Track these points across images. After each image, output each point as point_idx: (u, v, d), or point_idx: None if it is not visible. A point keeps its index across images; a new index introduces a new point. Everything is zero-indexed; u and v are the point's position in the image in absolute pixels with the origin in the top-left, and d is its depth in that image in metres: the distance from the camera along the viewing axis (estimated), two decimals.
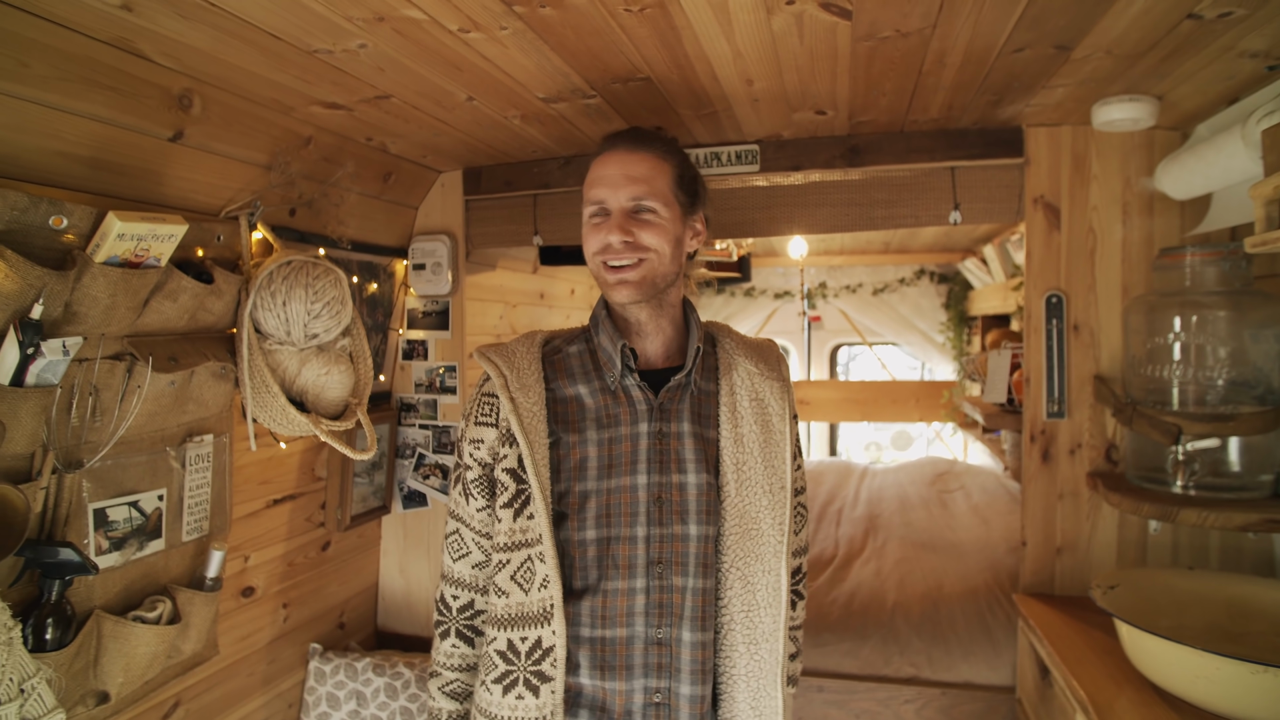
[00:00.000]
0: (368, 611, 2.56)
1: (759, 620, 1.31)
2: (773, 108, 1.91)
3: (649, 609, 1.28)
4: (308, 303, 1.72)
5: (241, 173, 1.79)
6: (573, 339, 1.42)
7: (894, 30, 1.45)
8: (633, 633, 1.28)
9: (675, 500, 1.30)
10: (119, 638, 1.58)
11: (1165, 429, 1.79)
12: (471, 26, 1.40)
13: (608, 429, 1.32)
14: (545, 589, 1.26)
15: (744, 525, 1.33)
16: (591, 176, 1.37)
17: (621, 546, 1.28)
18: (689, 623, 1.28)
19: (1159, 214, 2.02)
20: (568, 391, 1.35)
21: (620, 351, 1.33)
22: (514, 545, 1.29)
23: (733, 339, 1.48)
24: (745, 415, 1.38)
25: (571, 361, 1.38)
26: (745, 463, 1.35)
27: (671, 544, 1.29)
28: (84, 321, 1.45)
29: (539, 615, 1.26)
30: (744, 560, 1.32)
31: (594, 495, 1.29)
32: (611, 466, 1.30)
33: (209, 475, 1.81)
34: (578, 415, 1.33)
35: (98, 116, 1.45)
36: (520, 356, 1.37)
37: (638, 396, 1.33)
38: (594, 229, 1.35)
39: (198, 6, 1.27)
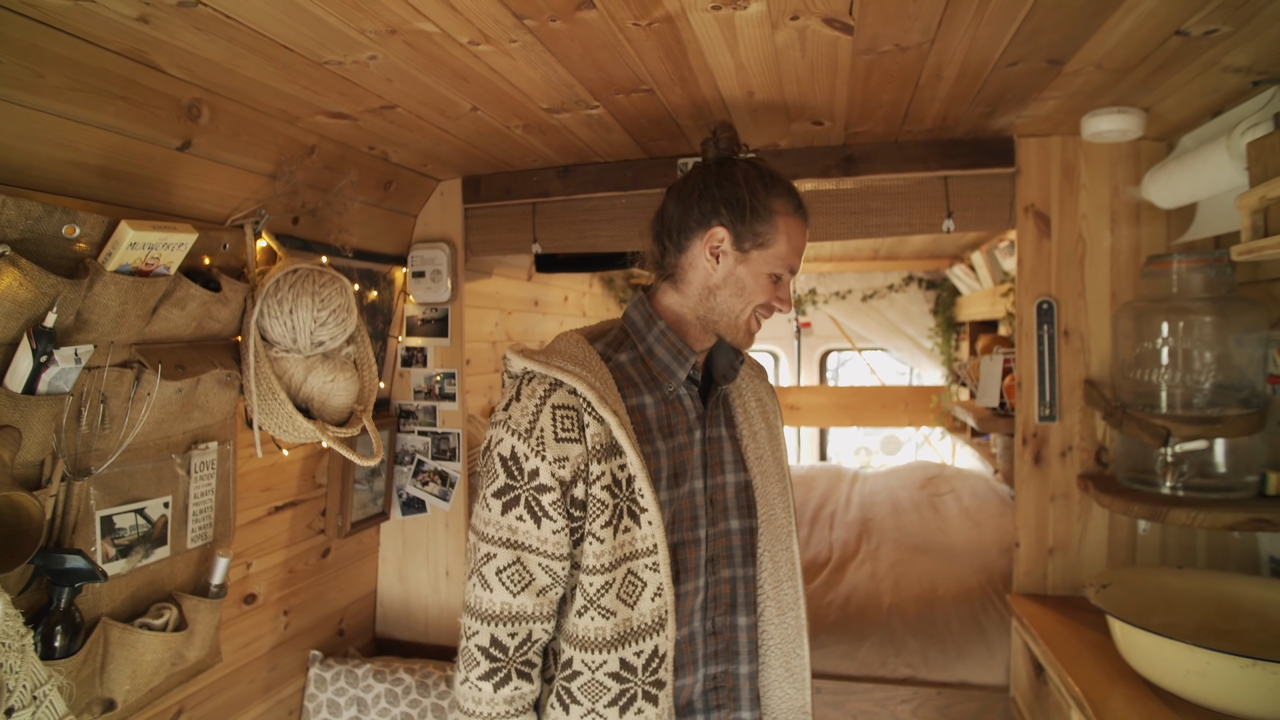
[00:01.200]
0: (366, 618, 2.57)
1: (784, 593, 1.43)
2: (771, 118, 1.95)
3: (705, 604, 1.35)
4: (314, 310, 1.74)
5: (247, 181, 1.81)
6: (617, 346, 1.37)
7: (894, 44, 1.49)
8: (693, 629, 1.34)
9: (720, 500, 1.39)
10: (126, 645, 1.58)
11: (1154, 431, 1.84)
12: (482, 39, 1.42)
13: (671, 438, 1.33)
14: (660, 597, 1.23)
15: (767, 513, 1.44)
16: (794, 242, 1.35)
17: (689, 550, 1.33)
18: (742, 609, 1.39)
19: (1146, 222, 2.07)
20: (632, 402, 1.31)
21: (689, 366, 1.35)
22: (616, 563, 1.22)
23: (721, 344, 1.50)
24: (754, 414, 1.49)
25: (628, 370, 1.34)
26: (761, 456, 1.46)
27: (720, 540, 1.38)
28: (95, 329, 1.46)
29: (653, 625, 1.24)
30: (771, 544, 1.43)
31: (667, 505, 1.29)
32: (678, 475, 1.33)
33: (213, 482, 1.82)
34: (644, 426, 1.31)
35: (109, 126, 1.46)
36: (594, 365, 1.28)
37: (690, 405, 1.37)
38: (770, 285, 1.36)
39: (214, 19, 1.29)
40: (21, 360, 1.34)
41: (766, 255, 1.33)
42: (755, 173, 1.34)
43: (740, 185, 1.33)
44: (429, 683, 2.25)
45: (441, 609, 2.54)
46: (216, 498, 1.83)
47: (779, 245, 1.33)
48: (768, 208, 1.32)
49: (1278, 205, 1.35)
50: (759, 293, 1.35)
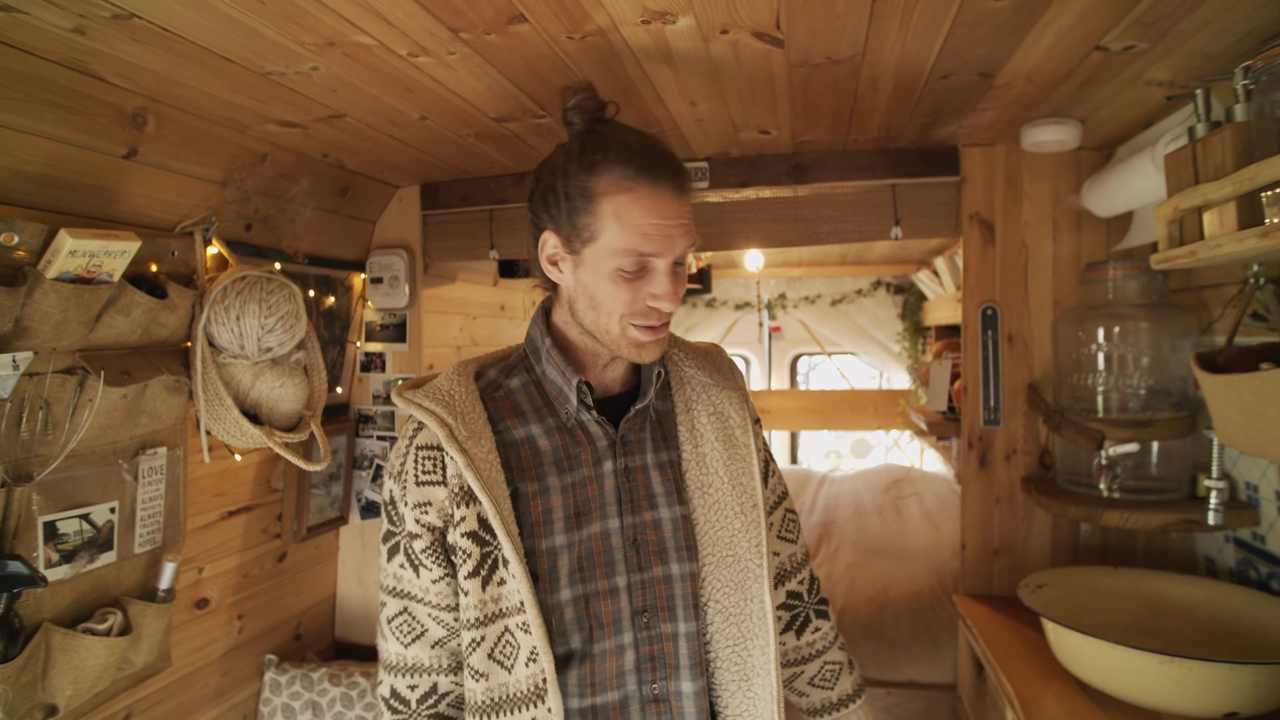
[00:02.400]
0: (325, 622, 2.58)
1: (748, 654, 1.17)
2: (718, 128, 1.98)
3: (640, 664, 1.13)
4: (261, 317, 1.76)
5: (197, 189, 1.82)
6: (511, 370, 1.22)
7: (825, 57, 1.52)
8: (625, 694, 1.13)
9: (652, 540, 1.16)
10: (68, 650, 1.59)
11: (1090, 435, 1.89)
12: (420, 51, 1.45)
13: (569, 472, 1.14)
14: (534, 663, 1.07)
15: (718, 553, 1.18)
16: (638, 222, 1.06)
17: (603, 602, 1.12)
18: (687, 671, 1.14)
19: (1087, 230, 2.12)
20: (518, 433, 1.16)
21: (576, 388, 1.15)
22: (487, 619, 1.09)
23: (680, 348, 1.32)
24: (705, 432, 1.23)
25: (517, 398, 1.19)
26: (711, 484, 1.21)
27: (654, 588, 1.14)
28: (35, 336, 1.47)
29: (530, 694, 1.07)
30: (723, 591, 1.17)
31: (564, 550, 1.11)
32: (580, 514, 1.13)
33: (162, 488, 1.83)
34: (533, 461, 1.14)
35: (50, 135, 1.47)
36: (460, 398, 1.14)
37: (597, 433, 1.17)
38: (626, 283, 1.08)
39: (150, 31, 1.30)
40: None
41: (599, 250, 1.07)
42: (578, 147, 1.11)
43: (556, 171, 1.11)
44: None
45: None
46: (166, 503, 1.84)
47: (609, 233, 1.06)
48: (586, 191, 1.07)
49: (1192, 216, 1.39)
50: (614, 299, 1.09)
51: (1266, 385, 1.24)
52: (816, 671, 1.40)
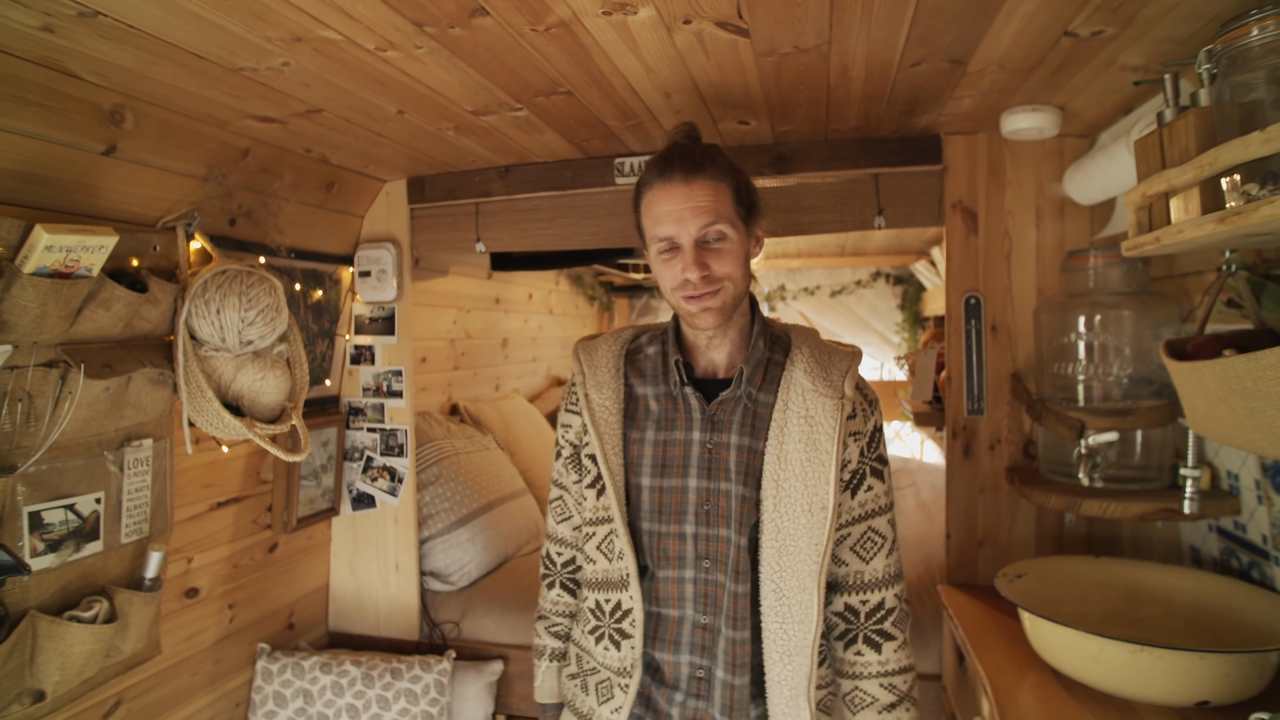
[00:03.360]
0: (319, 612, 2.61)
1: (792, 634, 1.34)
2: (696, 118, 1.98)
3: (697, 597, 1.38)
4: (241, 310, 1.78)
5: (178, 184, 1.84)
6: (655, 338, 1.48)
7: (792, 46, 1.52)
8: (683, 614, 1.38)
9: (722, 506, 1.36)
10: (54, 637, 1.62)
11: (1070, 424, 1.88)
12: (387, 45, 1.46)
13: (664, 431, 1.40)
14: (622, 560, 1.40)
15: (780, 540, 1.33)
16: (655, 211, 1.32)
17: (671, 541, 1.38)
18: (725, 618, 1.35)
19: (1070, 218, 2.11)
20: (640, 391, 1.44)
21: (677, 366, 1.40)
22: (597, 520, 1.44)
23: (808, 348, 1.42)
24: (792, 431, 1.34)
25: (647, 363, 1.46)
26: (785, 479, 1.34)
27: (716, 544, 1.36)
28: (15, 330, 1.50)
29: (619, 581, 1.41)
30: (778, 573, 1.34)
31: (647, 490, 1.39)
32: (665, 467, 1.39)
33: (149, 479, 1.86)
34: (643, 415, 1.42)
35: (27, 132, 1.50)
36: (601, 354, 1.48)
37: (694, 406, 1.39)
38: (666, 263, 1.33)
39: (118, 29, 1.32)
40: None
41: (648, 242, 1.37)
42: (643, 174, 1.38)
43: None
44: (374, 674, 2.29)
45: (392, 603, 2.59)
46: (152, 494, 1.87)
47: (647, 226, 1.36)
48: (637, 200, 1.38)
49: (1160, 202, 1.38)
50: (663, 278, 1.36)
51: (1228, 372, 1.24)
52: (849, 691, 1.45)
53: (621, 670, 1.42)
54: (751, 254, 1.39)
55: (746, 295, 1.40)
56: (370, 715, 2.26)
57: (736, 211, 1.33)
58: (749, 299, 1.43)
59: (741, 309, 1.40)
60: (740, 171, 1.37)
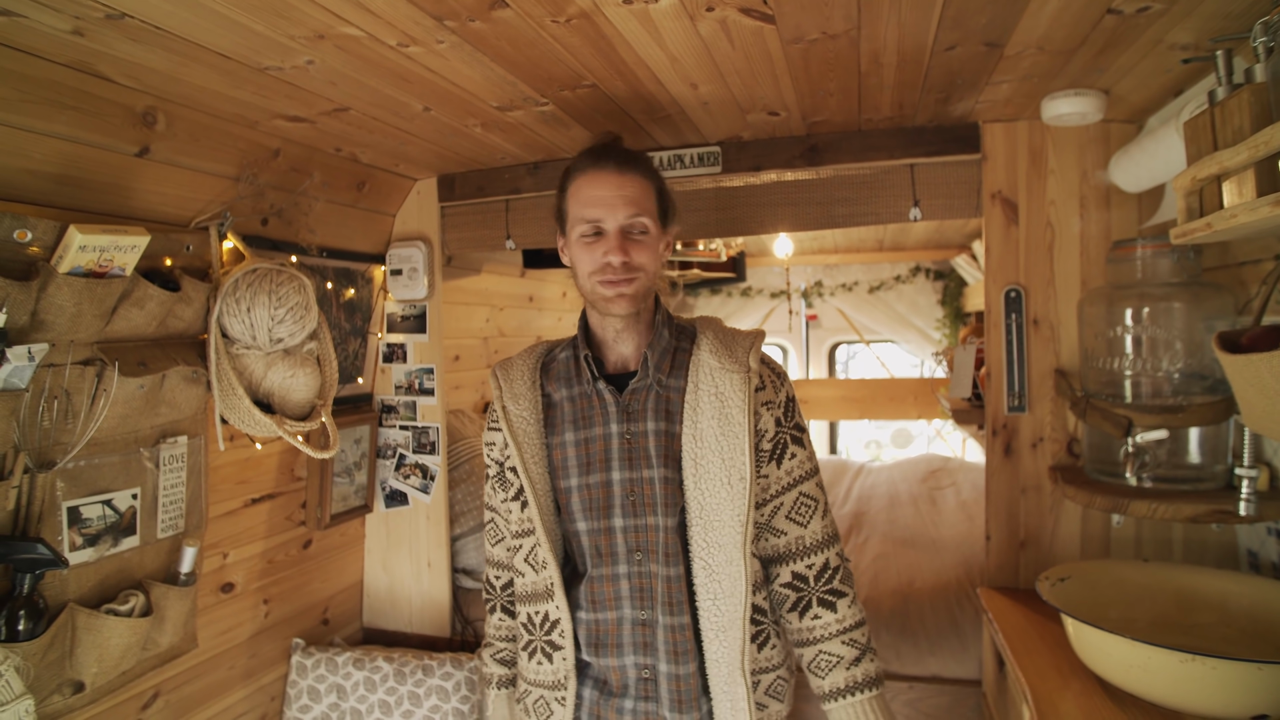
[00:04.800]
0: (353, 608, 2.64)
1: (724, 608, 1.38)
2: (724, 110, 1.95)
3: (632, 593, 1.41)
4: (271, 308, 1.79)
5: (210, 185, 1.87)
6: (564, 346, 1.56)
7: (820, 32, 1.48)
8: (621, 615, 1.42)
9: (646, 494, 1.41)
10: (92, 629, 1.65)
11: (1116, 421, 1.80)
12: (409, 41, 1.45)
13: (583, 429, 1.45)
14: (545, 569, 1.44)
15: (705, 516, 1.39)
16: (584, 195, 1.41)
17: (603, 537, 1.42)
18: (663, 607, 1.40)
19: (1116, 207, 2.02)
20: (556, 396, 1.49)
21: (587, 360, 1.45)
22: (523, 533, 1.48)
23: (711, 333, 1.49)
24: (704, 410, 1.41)
25: (560, 368, 1.51)
26: (702, 455, 1.40)
27: (646, 534, 1.41)
28: (52, 329, 1.53)
29: (545, 592, 1.45)
30: (706, 550, 1.39)
31: (576, 490, 1.43)
32: (589, 464, 1.43)
33: (184, 475, 1.89)
34: (560, 418, 1.47)
35: (63, 135, 1.53)
36: (517, 367, 1.53)
37: (609, 399, 1.44)
38: (587, 247, 1.41)
39: (146, 30, 1.34)
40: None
41: (570, 225, 1.43)
42: (572, 162, 1.46)
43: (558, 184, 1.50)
44: (406, 671, 2.30)
45: (425, 600, 2.60)
46: (187, 490, 1.90)
47: (572, 209, 1.42)
48: (563, 186, 1.46)
49: (1211, 186, 1.31)
50: (582, 261, 1.42)
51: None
52: (813, 658, 1.47)
53: (555, 684, 1.45)
54: (663, 255, 1.49)
55: (653, 291, 1.49)
56: (402, 712, 2.27)
57: (657, 210, 1.44)
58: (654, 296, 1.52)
59: (649, 304, 1.48)
60: (662, 178, 1.49)
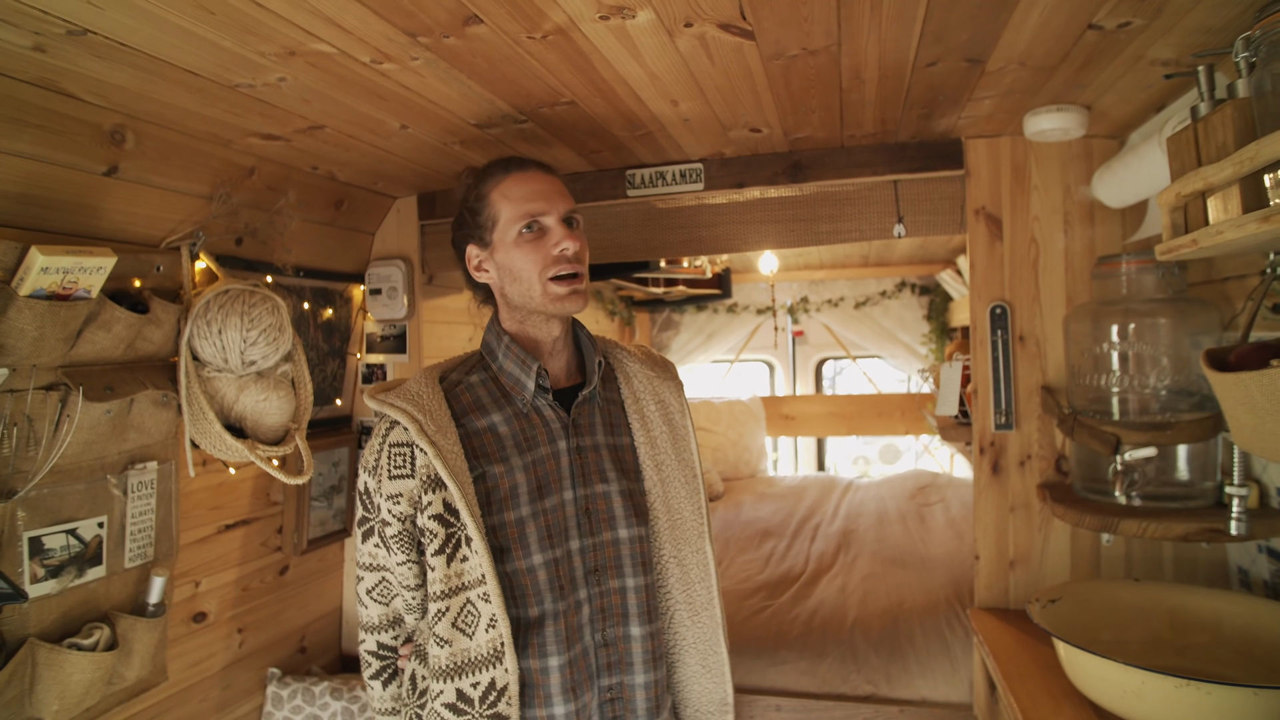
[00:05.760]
0: (331, 635, 2.57)
1: (696, 594, 1.44)
2: (705, 127, 1.93)
3: (593, 616, 1.34)
4: (243, 330, 1.75)
5: (182, 204, 1.83)
6: (471, 368, 1.40)
7: (801, 49, 1.46)
8: (584, 645, 1.32)
9: (602, 509, 1.36)
10: (53, 665, 1.59)
11: (1104, 439, 1.78)
12: (383, 58, 1.42)
13: (529, 452, 1.32)
14: (494, 628, 1.22)
15: (672, 519, 1.43)
16: (518, 191, 1.35)
17: (562, 566, 1.31)
18: (636, 618, 1.35)
19: (1101, 222, 2.01)
20: (480, 423, 1.32)
21: (535, 373, 1.34)
22: (451, 591, 1.24)
23: (622, 350, 1.54)
24: (653, 418, 1.46)
25: (478, 392, 1.36)
26: (662, 462, 1.44)
27: (604, 550, 1.35)
28: (12, 353, 1.48)
29: (489, 657, 1.23)
30: (674, 546, 1.43)
31: (530, 520, 1.29)
32: (541, 488, 1.32)
33: (153, 502, 1.83)
34: (496, 445, 1.31)
35: (26, 154, 1.48)
36: (428, 397, 1.30)
37: (551, 416, 1.36)
38: (531, 243, 1.33)
39: (110, 47, 1.30)
40: None
41: (502, 229, 1.36)
42: (469, 177, 1.43)
43: (459, 203, 1.44)
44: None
45: None
46: (157, 517, 1.85)
47: (504, 210, 1.35)
48: (479, 195, 1.39)
49: (1196, 202, 1.29)
50: (527, 262, 1.33)
51: (1276, 383, 1.14)
52: None
53: None
54: None
55: None
56: None
57: None
58: None
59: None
60: None
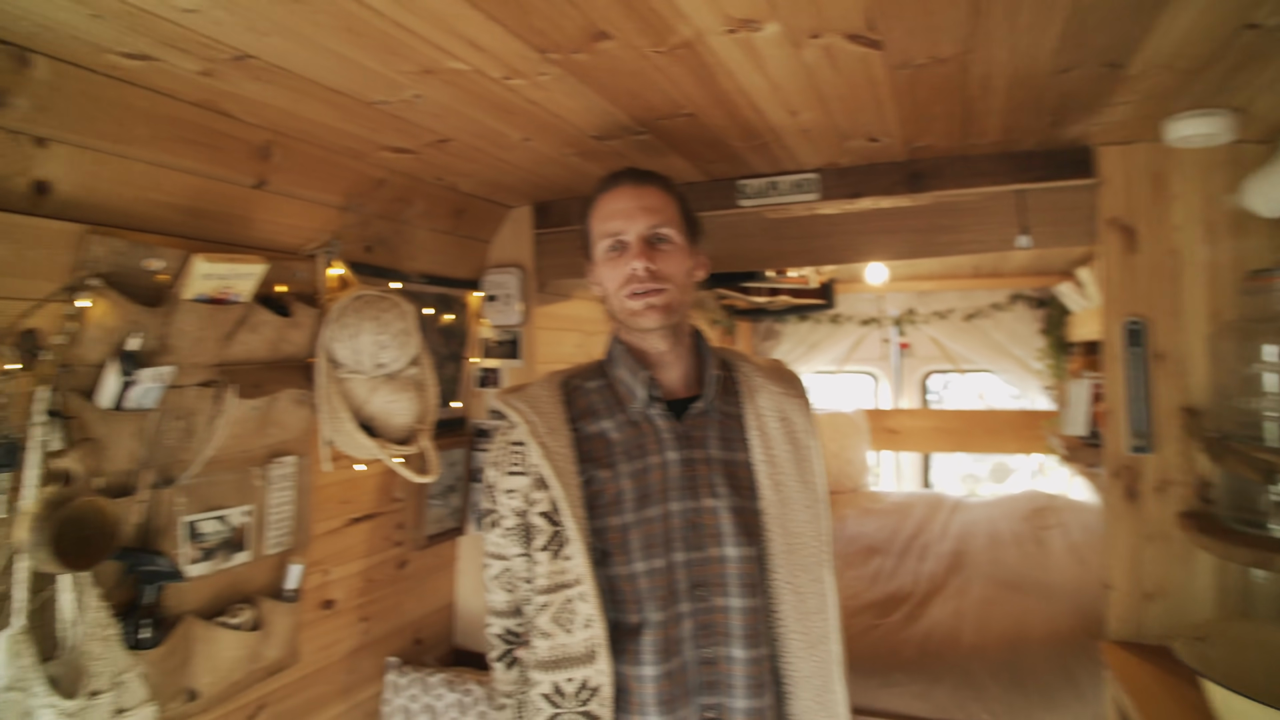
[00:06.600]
0: (444, 629, 2.67)
1: (812, 625, 1.37)
2: (823, 136, 1.91)
3: (695, 632, 1.30)
4: (376, 334, 1.85)
5: (320, 214, 1.95)
6: (590, 375, 1.45)
7: (929, 57, 1.44)
8: (684, 660, 1.30)
9: (709, 524, 1.32)
10: (207, 640, 1.72)
11: (1257, 466, 1.66)
12: (513, 74, 1.49)
13: (637, 460, 1.34)
14: (589, 628, 1.26)
15: (789, 542, 1.36)
16: (603, 211, 1.39)
17: (666, 575, 1.30)
18: (740, 641, 1.31)
19: (1251, 233, 1.88)
20: (592, 428, 1.37)
21: (644, 382, 1.36)
22: (553, 587, 1.30)
23: (749, 363, 1.50)
24: (775, 435, 1.40)
25: (593, 398, 1.40)
26: (783, 482, 1.38)
27: (709, 566, 1.32)
28: (177, 352, 1.62)
29: (583, 655, 1.27)
30: (791, 572, 1.36)
31: (634, 527, 1.30)
32: (646, 496, 1.32)
33: (291, 494, 1.96)
34: (605, 451, 1.35)
35: (190, 169, 1.62)
36: (544, 400, 1.38)
37: (662, 426, 1.36)
38: (612, 262, 1.37)
39: (266, 69, 1.41)
40: (109, 380, 1.51)
41: (596, 244, 1.40)
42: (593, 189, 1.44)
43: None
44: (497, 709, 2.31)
45: None
46: (294, 508, 1.97)
47: (595, 229, 1.40)
48: (587, 212, 1.44)
49: None
50: (609, 278, 1.38)
51: None
52: None
53: None
54: (694, 276, 1.43)
55: (688, 312, 1.43)
56: None
57: (682, 223, 1.39)
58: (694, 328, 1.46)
59: (685, 330, 1.43)
60: (686, 199, 1.44)
